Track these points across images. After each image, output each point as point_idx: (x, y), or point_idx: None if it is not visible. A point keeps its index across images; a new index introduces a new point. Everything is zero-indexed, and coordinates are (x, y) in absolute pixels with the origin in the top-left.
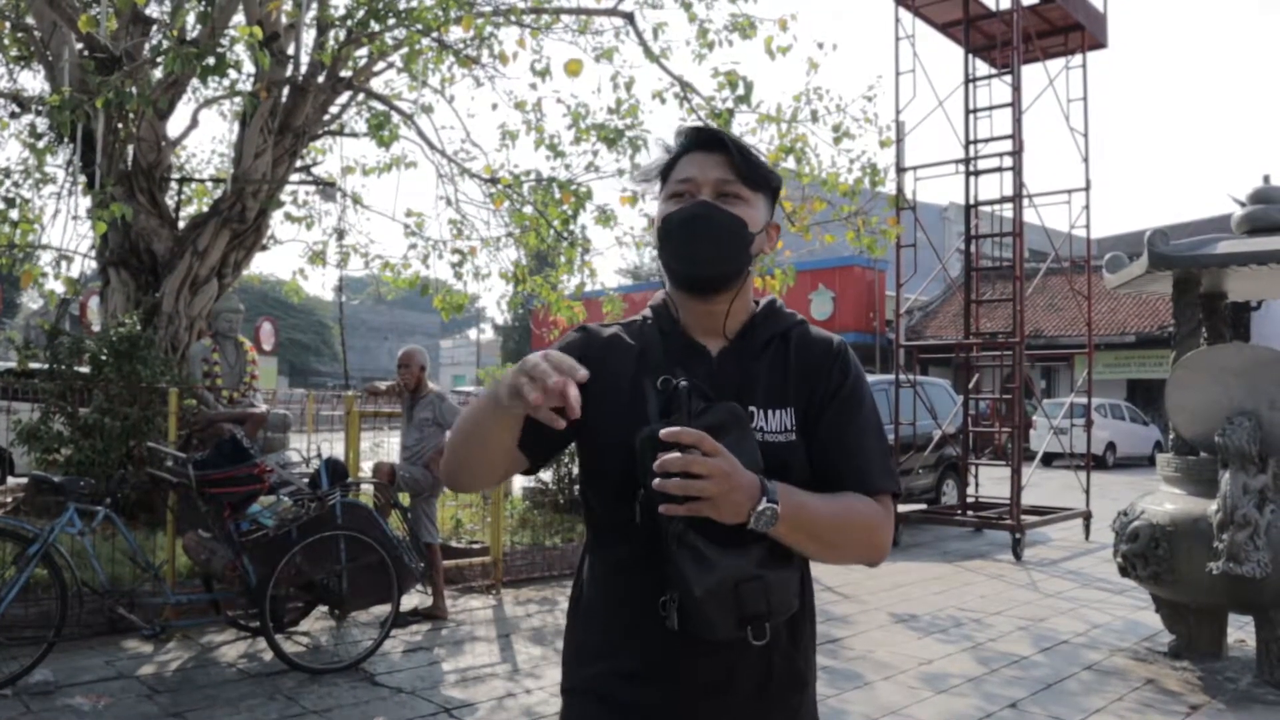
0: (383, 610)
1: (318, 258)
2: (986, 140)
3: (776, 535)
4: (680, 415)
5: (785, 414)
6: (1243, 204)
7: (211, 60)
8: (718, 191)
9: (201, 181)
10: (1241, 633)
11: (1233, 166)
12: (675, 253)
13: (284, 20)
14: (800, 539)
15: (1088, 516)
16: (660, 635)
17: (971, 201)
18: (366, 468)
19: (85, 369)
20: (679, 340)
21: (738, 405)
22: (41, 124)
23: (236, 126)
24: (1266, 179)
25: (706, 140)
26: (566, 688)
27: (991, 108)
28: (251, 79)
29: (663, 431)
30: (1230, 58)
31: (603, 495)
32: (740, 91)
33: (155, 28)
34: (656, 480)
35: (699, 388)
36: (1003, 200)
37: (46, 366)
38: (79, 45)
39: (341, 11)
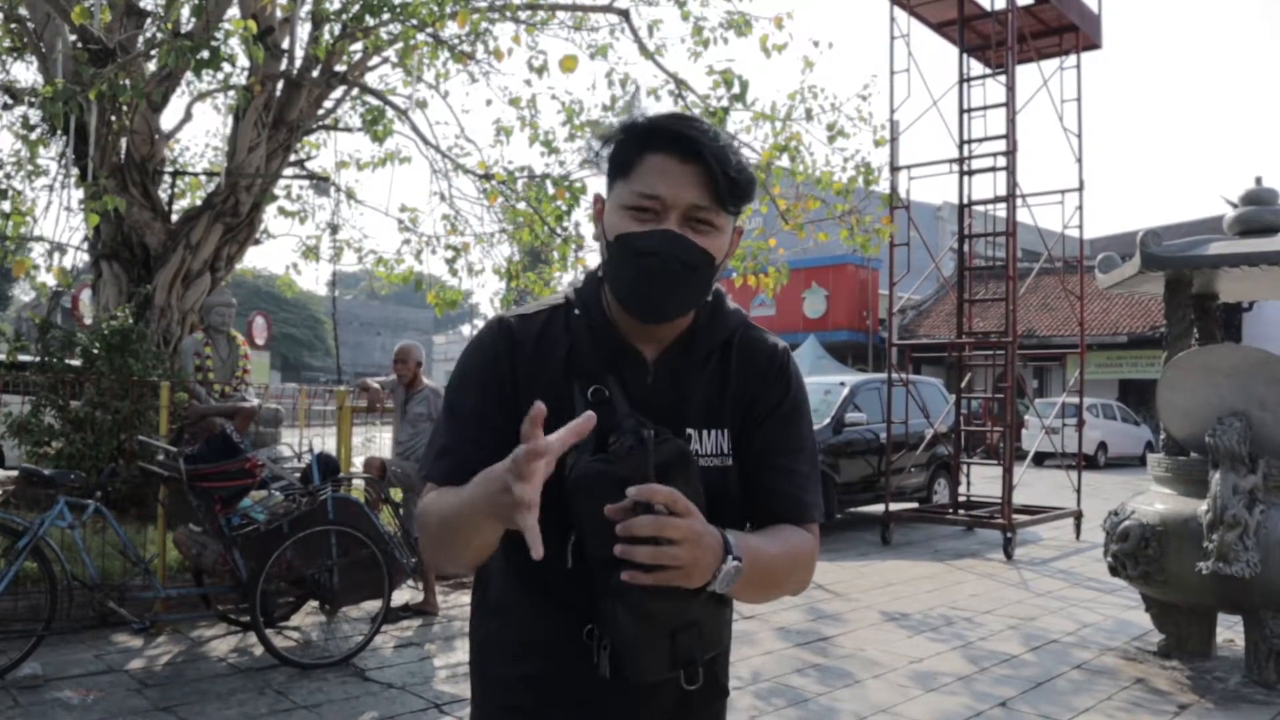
0: (374, 605)
1: (311, 252)
2: (980, 140)
3: (728, 592)
4: (631, 453)
5: (720, 435)
6: (1235, 205)
7: (206, 54)
8: (687, 217)
9: (195, 175)
10: (1230, 632)
11: (1225, 168)
12: (627, 285)
13: (279, 14)
14: (747, 591)
15: (1079, 516)
16: (579, 650)
17: (965, 201)
18: (358, 463)
19: (76, 362)
20: (612, 343)
21: (682, 443)
22: (34, 116)
23: (230, 120)
24: (1259, 180)
25: (684, 148)
26: (479, 697)
27: (986, 107)
28: (246, 73)
29: (631, 490)
30: (1223, 60)
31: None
32: (735, 90)
33: (149, 20)
34: (619, 548)
35: (638, 416)
36: (996, 200)
37: (37, 359)
38: (72, 37)
39: (336, 6)
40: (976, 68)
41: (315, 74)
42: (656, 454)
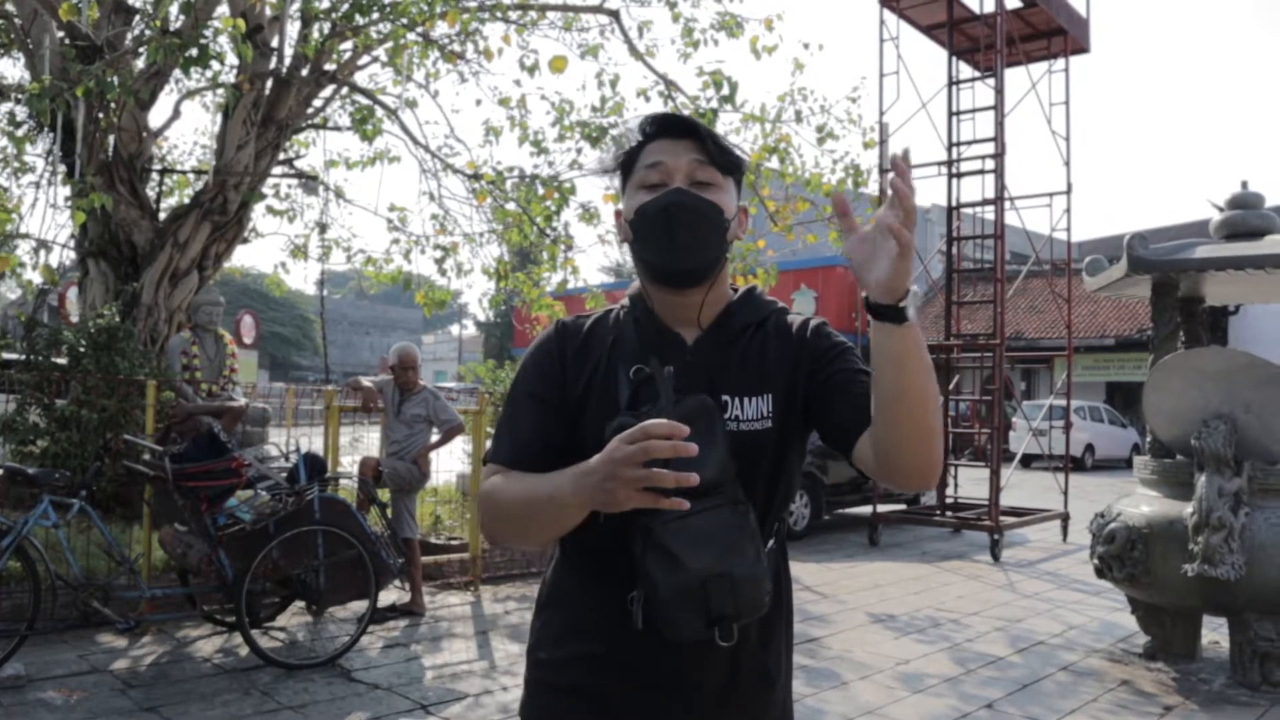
0: (360, 606)
1: (299, 251)
2: (969, 143)
3: (905, 334)
4: (654, 405)
5: (762, 401)
6: (1221, 209)
7: (194, 51)
8: (691, 178)
9: (183, 173)
10: (1216, 634)
11: (1212, 171)
12: (653, 245)
13: (268, 12)
14: (915, 358)
15: (1065, 518)
16: (627, 627)
17: (954, 203)
18: (346, 462)
19: (62, 360)
20: (653, 328)
21: (708, 398)
22: (21, 112)
23: (219, 118)
24: (1244, 185)
25: (675, 126)
26: (530, 678)
27: (974, 110)
28: (234, 71)
29: (624, 435)
30: (1211, 65)
31: None
32: (725, 91)
33: (138, 17)
34: (621, 470)
35: (671, 377)
36: (985, 203)
37: (23, 357)
38: (60, 33)
39: (326, 4)
40: (965, 70)
41: (304, 72)
42: (679, 407)
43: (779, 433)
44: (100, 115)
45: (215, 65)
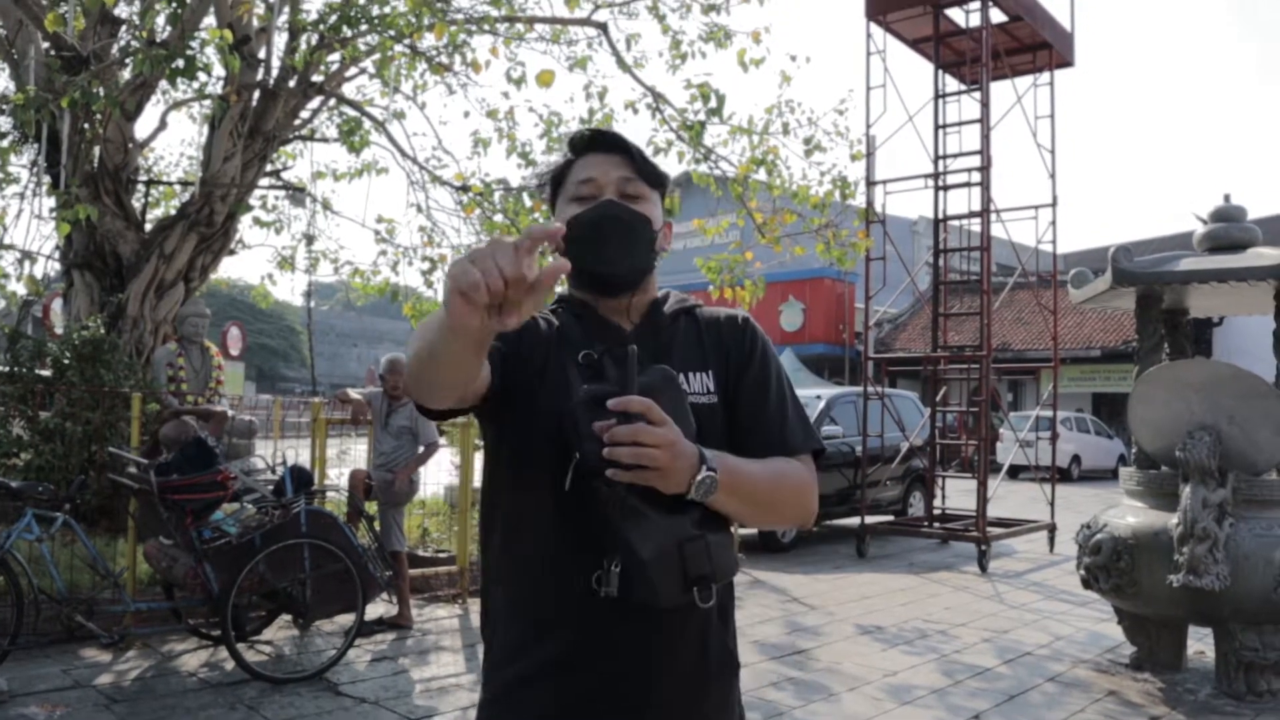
0: (347, 619)
1: (286, 263)
2: (955, 155)
3: (714, 503)
4: (619, 380)
5: (705, 376)
6: (1204, 222)
7: (181, 62)
8: (620, 191)
9: (169, 184)
10: (1201, 644)
11: (1195, 184)
12: (586, 253)
13: (255, 24)
14: (735, 504)
15: (1052, 529)
16: (594, 613)
17: (940, 216)
18: (333, 475)
19: (47, 372)
20: (593, 320)
21: (667, 368)
22: (5, 123)
23: (205, 130)
24: (1227, 198)
25: (604, 142)
26: (487, 698)
27: (961, 123)
28: (221, 82)
29: (611, 401)
30: (1193, 79)
31: (535, 483)
32: (713, 104)
33: (124, 28)
34: (606, 449)
35: (624, 353)
36: (971, 215)
37: (6, 369)
38: (45, 44)
39: (314, 16)
40: (952, 84)
41: (292, 84)
42: (642, 376)
43: (724, 407)
44: (86, 126)
45: (202, 76)
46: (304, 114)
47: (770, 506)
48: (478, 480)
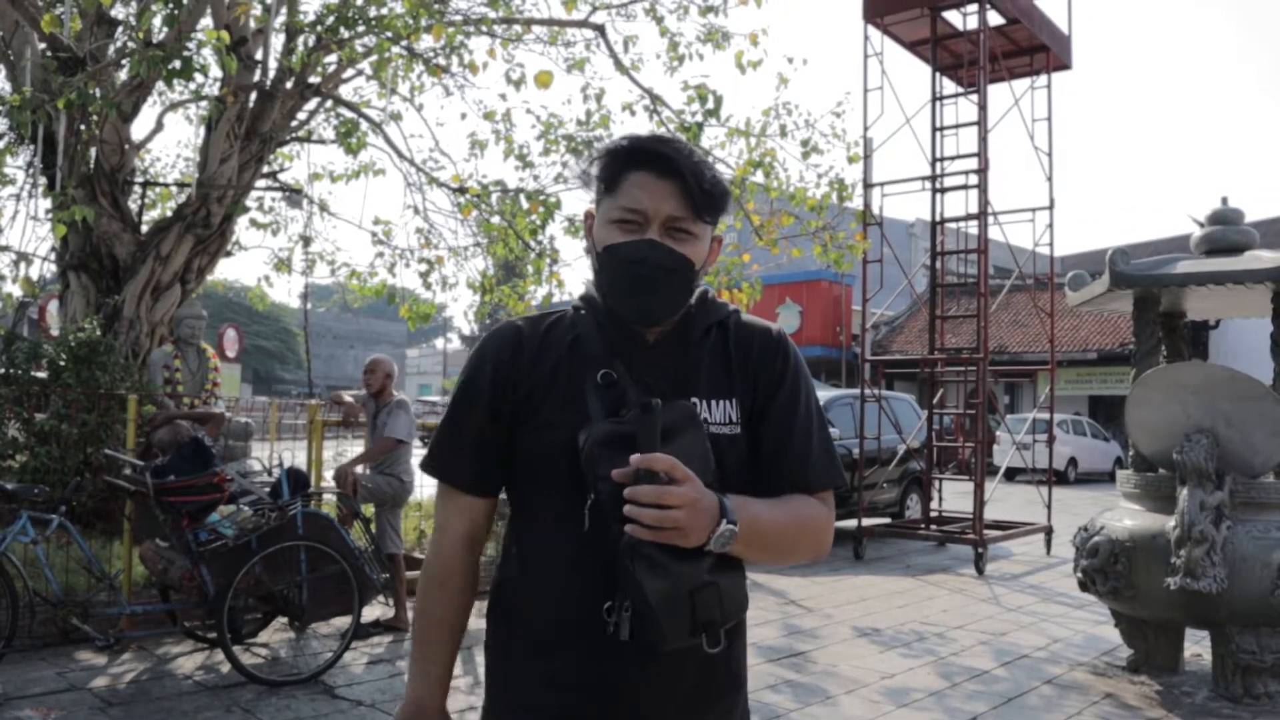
0: (343, 622)
1: (283, 265)
2: (953, 158)
3: (732, 552)
4: (638, 423)
5: (729, 405)
6: (1201, 225)
7: (178, 64)
8: (666, 228)
9: (166, 186)
10: (1198, 647)
11: (1192, 187)
12: (616, 291)
13: (252, 25)
14: (752, 552)
15: (1049, 531)
16: (602, 641)
17: (937, 218)
18: (329, 477)
19: (42, 374)
20: (615, 329)
21: (690, 405)
22: (1, 124)
23: (202, 131)
24: (1225, 201)
25: (662, 165)
26: (489, 707)
27: (958, 126)
28: (218, 83)
29: (635, 458)
30: (1190, 81)
31: (548, 489)
32: (710, 105)
33: (120, 29)
34: (628, 507)
35: (641, 384)
36: (968, 217)
37: (2, 371)
38: (41, 45)
39: (311, 17)
40: (949, 86)
41: (289, 85)
42: (665, 415)
43: (746, 436)
44: (82, 127)
45: (199, 78)
46: (301, 115)
47: (787, 551)
48: None
